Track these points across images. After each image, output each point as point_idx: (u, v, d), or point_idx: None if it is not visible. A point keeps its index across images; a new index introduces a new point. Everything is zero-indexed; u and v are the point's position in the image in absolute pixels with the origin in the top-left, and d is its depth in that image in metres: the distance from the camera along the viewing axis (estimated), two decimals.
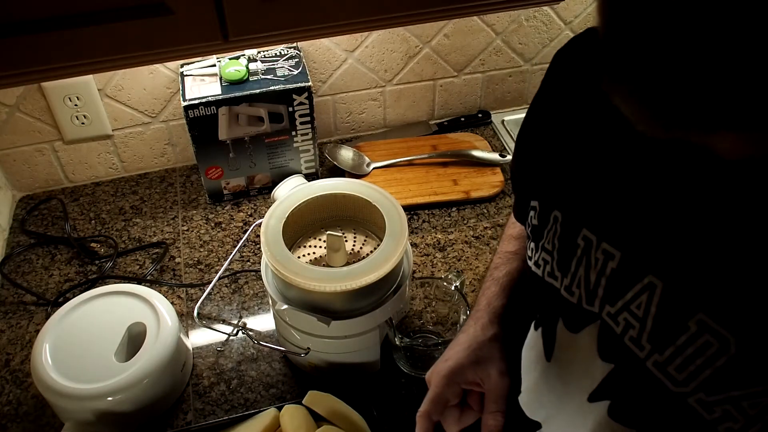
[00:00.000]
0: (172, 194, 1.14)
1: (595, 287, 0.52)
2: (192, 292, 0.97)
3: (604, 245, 0.50)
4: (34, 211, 1.11)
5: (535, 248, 0.59)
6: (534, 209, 0.60)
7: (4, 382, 0.86)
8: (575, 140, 0.55)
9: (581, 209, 0.53)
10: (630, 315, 0.49)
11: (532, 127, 0.65)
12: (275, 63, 1.05)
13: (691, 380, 0.45)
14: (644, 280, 0.47)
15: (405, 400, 0.83)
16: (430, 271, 1.00)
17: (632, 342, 0.49)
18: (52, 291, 0.97)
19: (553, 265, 0.56)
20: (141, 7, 0.61)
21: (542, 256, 0.58)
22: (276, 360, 0.88)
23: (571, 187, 0.55)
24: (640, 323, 0.48)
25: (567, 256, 0.54)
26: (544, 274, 0.58)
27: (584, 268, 0.53)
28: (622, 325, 0.50)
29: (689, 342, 0.44)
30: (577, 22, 1.22)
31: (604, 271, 0.51)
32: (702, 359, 0.44)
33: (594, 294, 0.52)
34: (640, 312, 0.48)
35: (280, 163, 1.10)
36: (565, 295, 0.55)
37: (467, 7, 0.73)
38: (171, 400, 0.83)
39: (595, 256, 0.51)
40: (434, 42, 1.17)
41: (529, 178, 0.64)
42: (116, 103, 1.08)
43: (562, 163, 0.57)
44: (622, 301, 0.49)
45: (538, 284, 0.59)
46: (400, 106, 1.25)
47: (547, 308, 0.59)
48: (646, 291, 0.47)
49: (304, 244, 0.87)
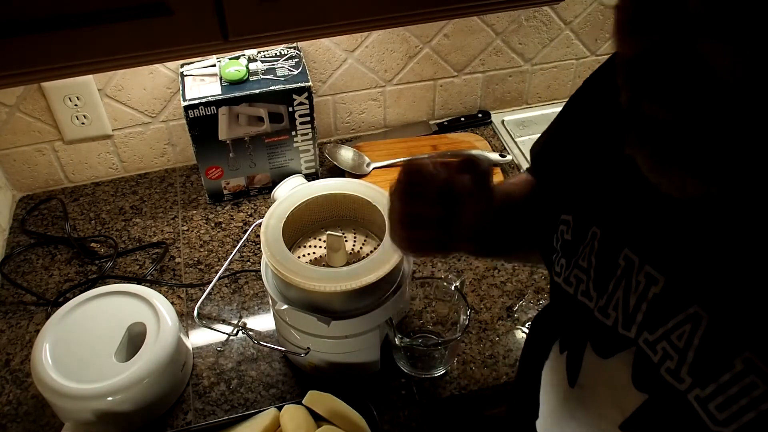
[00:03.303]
0: (172, 194, 1.14)
1: (635, 312, 0.49)
2: (192, 292, 0.97)
3: (648, 268, 0.48)
4: (34, 211, 1.11)
5: (567, 265, 0.56)
6: (566, 223, 0.57)
7: (4, 382, 0.86)
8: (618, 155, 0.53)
9: (624, 227, 0.50)
10: (669, 345, 0.46)
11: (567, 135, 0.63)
12: (275, 63, 1.05)
13: (732, 421, 0.42)
14: (689, 309, 0.44)
15: (405, 400, 0.83)
16: (430, 271, 1.00)
17: (669, 373, 0.46)
18: (52, 291, 0.98)
19: (588, 284, 0.53)
20: (141, 7, 0.61)
21: (575, 274, 0.55)
22: (276, 360, 0.88)
23: (612, 203, 0.52)
24: (679, 355, 0.45)
25: (605, 275, 0.51)
26: (577, 292, 0.55)
27: (623, 289, 0.50)
28: (659, 355, 0.47)
29: (733, 381, 0.42)
30: (577, 22, 1.22)
31: (646, 295, 0.48)
32: (746, 400, 0.41)
33: (632, 319, 0.49)
34: (681, 343, 0.45)
35: (280, 163, 1.10)
36: (599, 316, 0.52)
37: (467, 7, 0.73)
38: (171, 400, 0.83)
39: (637, 279, 0.48)
40: (434, 42, 1.17)
41: (561, 191, 0.61)
42: (116, 103, 1.08)
43: (602, 177, 0.54)
44: (663, 329, 0.46)
45: (567, 303, 0.56)
46: (400, 106, 1.25)
47: (576, 330, 0.56)
48: (689, 322, 0.44)
49: (304, 244, 0.87)
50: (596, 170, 0.55)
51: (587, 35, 1.25)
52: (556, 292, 0.59)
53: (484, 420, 0.89)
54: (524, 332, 0.90)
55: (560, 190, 0.61)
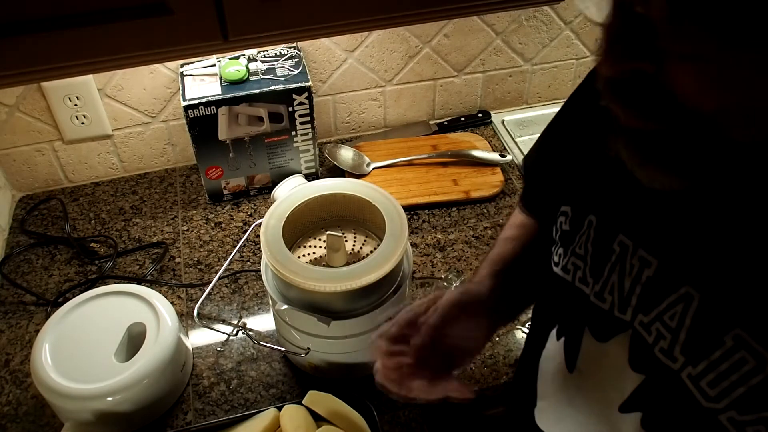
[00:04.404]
0: (172, 194, 1.14)
1: (629, 295, 0.50)
2: (192, 292, 0.97)
3: (641, 252, 0.49)
4: (34, 211, 1.11)
5: (564, 253, 0.58)
6: (565, 214, 0.59)
7: (4, 382, 0.86)
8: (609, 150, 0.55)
9: (618, 214, 0.52)
10: (662, 326, 0.47)
11: (563, 132, 0.64)
12: (275, 63, 1.05)
13: (723, 397, 0.44)
14: (680, 290, 0.46)
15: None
16: (430, 271, 1.00)
17: (663, 353, 0.48)
18: (51, 291, 0.97)
19: (585, 271, 0.55)
20: (141, 7, 0.61)
21: (572, 261, 0.57)
22: (276, 360, 0.88)
23: (607, 191, 0.54)
24: (672, 334, 0.47)
25: (601, 261, 0.53)
26: (574, 279, 0.56)
27: (618, 274, 0.51)
28: (654, 335, 0.48)
29: (724, 357, 0.43)
30: (577, 22, 1.22)
31: (640, 278, 0.49)
32: (736, 376, 0.42)
33: (627, 302, 0.51)
34: (673, 323, 0.46)
35: (280, 163, 1.10)
36: (596, 301, 0.54)
37: (467, 7, 0.73)
38: (171, 400, 0.83)
39: (631, 263, 0.50)
40: (434, 42, 1.17)
41: (559, 184, 0.63)
42: (116, 103, 1.08)
43: (597, 166, 0.55)
44: (656, 311, 0.48)
45: (564, 290, 0.58)
46: (400, 106, 1.25)
47: (573, 316, 0.58)
48: (681, 302, 0.46)
49: (304, 244, 0.87)
50: (591, 164, 0.57)
51: (587, 35, 1.25)
52: (552, 282, 0.60)
53: (484, 420, 0.89)
54: (524, 332, 0.90)
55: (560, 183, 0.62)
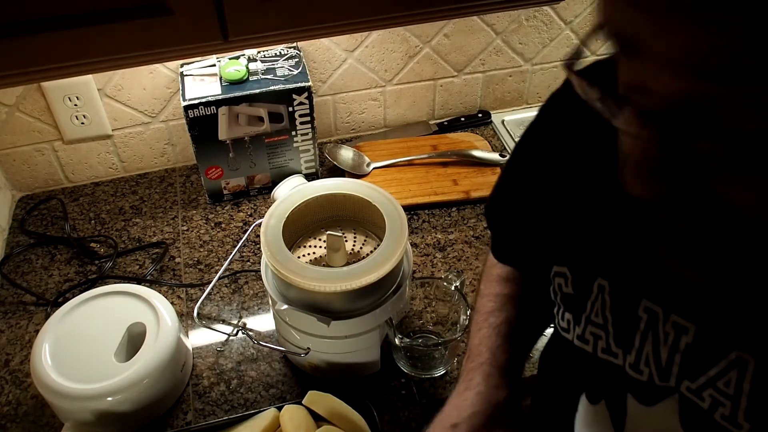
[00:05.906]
0: (172, 194, 1.14)
1: (669, 364, 0.46)
2: (192, 292, 0.97)
3: (675, 318, 0.45)
4: (34, 211, 1.11)
5: (575, 320, 0.54)
6: (563, 276, 0.55)
7: (4, 382, 0.86)
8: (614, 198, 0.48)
9: (636, 278, 0.48)
10: (717, 392, 0.44)
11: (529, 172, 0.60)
12: (275, 63, 1.05)
13: None
14: (730, 355, 0.42)
15: (405, 400, 0.83)
16: (430, 271, 1.00)
17: (725, 420, 0.43)
18: (51, 291, 0.97)
19: (608, 341, 0.51)
20: (141, 7, 0.61)
21: (590, 331, 0.52)
22: (276, 360, 0.88)
23: (615, 253, 0.50)
24: (731, 401, 0.43)
25: (627, 330, 0.49)
26: (596, 350, 0.52)
27: (651, 343, 0.47)
28: (708, 402, 0.44)
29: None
30: (577, 22, 1.22)
31: (677, 346, 0.45)
32: None
33: (668, 371, 0.47)
34: (730, 390, 0.43)
35: (280, 163, 1.10)
36: (632, 373, 0.49)
37: (467, 7, 0.73)
38: (171, 400, 0.83)
39: (665, 330, 0.46)
40: (434, 42, 1.17)
41: (544, 240, 0.58)
42: (116, 103, 1.08)
43: (591, 225, 0.52)
44: (705, 377, 0.44)
45: (587, 360, 0.54)
46: (400, 106, 1.25)
47: (608, 384, 0.53)
48: (734, 367, 0.42)
49: (304, 244, 0.87)
50: (581, 217, 0.53)
51: None
52: (565, 348, 0.56)
53: None
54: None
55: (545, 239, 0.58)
